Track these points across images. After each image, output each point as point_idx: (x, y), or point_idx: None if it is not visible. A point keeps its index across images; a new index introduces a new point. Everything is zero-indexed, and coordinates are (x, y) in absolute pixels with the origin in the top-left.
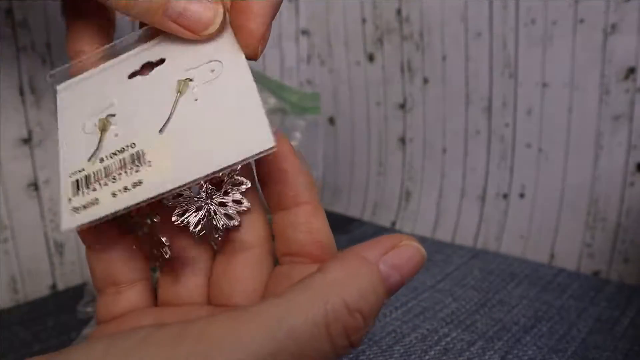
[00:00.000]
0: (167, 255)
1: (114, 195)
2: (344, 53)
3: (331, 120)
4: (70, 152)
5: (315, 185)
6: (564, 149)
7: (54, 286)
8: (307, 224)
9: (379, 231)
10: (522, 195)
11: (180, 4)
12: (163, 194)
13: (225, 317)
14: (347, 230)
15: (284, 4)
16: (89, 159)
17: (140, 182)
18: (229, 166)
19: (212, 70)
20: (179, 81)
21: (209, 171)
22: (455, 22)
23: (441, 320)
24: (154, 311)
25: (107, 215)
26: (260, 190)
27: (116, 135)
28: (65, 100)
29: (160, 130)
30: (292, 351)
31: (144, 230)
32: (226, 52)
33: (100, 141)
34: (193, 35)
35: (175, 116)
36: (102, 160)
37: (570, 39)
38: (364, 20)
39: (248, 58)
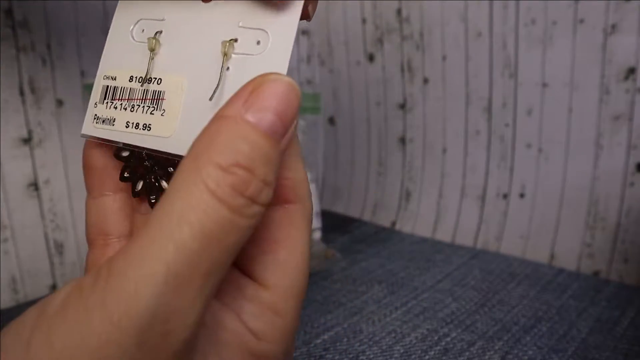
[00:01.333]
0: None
1: (127, 124)
2: (344, 53)
3: (331, 120)
4: (111, 52)
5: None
6: (564, 149)
7: (54, 286)
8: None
9: (379, 231)
10: (522, 195)
11: None
12: (163, 153)
13: (126, 246)
14: (347, 230)
15: None
16: (124, 70)
17: (149, 127)
18: None
19: (258, 42)
20: (224, 42)
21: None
22: (455, 22)
23: (441, 320)
24: None
25: (116, 142)
26: None
27: (152, 58)
28: None
29: (211, 99)
30: (202, 240)
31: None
32: (280, 27)
33: (150, 59)
34: None
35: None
36: (131, 78)
37: (570, 39)
38: (364, 20)
39: (302, 17)
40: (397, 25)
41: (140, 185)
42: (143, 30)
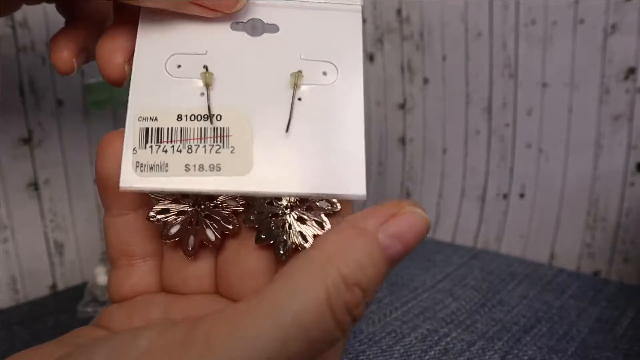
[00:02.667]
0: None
1: (187, 168)
2: None
3: None
4: (142, 90)
5: None
6: (564, 149)
7: (54, 286)
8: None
9: None
10: (522, 195)
11: None
12: (243, 193)
13: (229, 314)
14: None
15: None
16: (167, 109)
17: (219, 168)
18: (316, 194)
19: (325, 73)
20: (293, 74)
21: (295, 191)
22: (455, 22)
23: (441, 320)
24: (163, 299)
25: (176, 190)
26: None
27: (202, 94)
28: (147, 27)
29: (287, 130)
30: (300, 337)
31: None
32: (347, 58)
33: (207, 97)
34: (217, 14)
35: (289, 114)
36: (179, 117)
37: (570, 39)
38: (364, 21)
39: None
40: (397, 25)
41: (176, 229)
42: (179, 66)
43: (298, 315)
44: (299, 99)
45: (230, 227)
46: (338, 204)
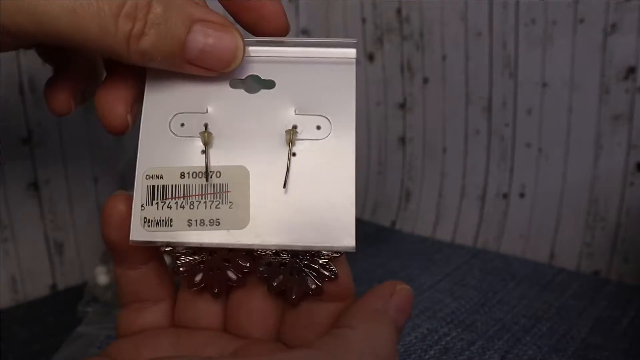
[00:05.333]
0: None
1: (189, 224)
2: None
3: None
4: (149, 149)
5: None
6: (564, 149)
7: (54, 286)
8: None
9: (379, 231)
10: (522, 195)
11: (198, 41)
12: (240, 246)
13: None
14: None
15: (284, 3)
16: (171, 167)
17: (218, 222)
18: (309, 247)
19: (319, 127)
20: (288, 131)
21: (288, 244)
22: (455, 22)
23: (441, 319)
24: (172, 333)
25: (180, 244)
26: None
27: (202, 152)
28: (153, 87)
29: (284, 186)
30: None
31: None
32: (340, 111)
33: (206, 156)
34: (213, 73)
35: (284, 169)
36: (182, 175)
37: (570, 38)
38: (364, 20)
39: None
40: (397, 25)
41: (199, 277)
42: (183, 124)
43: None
44: (294, 154)
45: (248, 264)
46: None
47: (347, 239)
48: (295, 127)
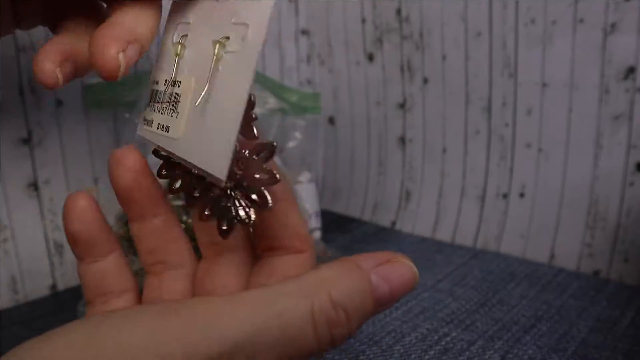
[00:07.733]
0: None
1: (158, 126)
2: (344, 53)
3: (331, 120)
4: (160, 57)
5: (287, 181)
6: (564, 149)
7: (54, 286)
8: (284, 219)
9: (379, 231)
10: (522, 195)
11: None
12: (172, 154)
13: (212, 298)
14: (347, 230)
15: (284, 3)
16: (162, 74)
17: (167, 129)
18: (189, 162)
19: (243, 39)
20: (214, 42)
21: (180, 155)
22: (455, 22)
23: (441, 320)
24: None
25: (149, 141)
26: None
27: (177, 63)
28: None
29: (196, 104)
30: (276, 334)
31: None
32: (256, 15)
33: (175, 66)
34: None
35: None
36: (165, 82)
37: (570, 38)
38: (363, 20)
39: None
40: (397, 25)
41: (178, 184)
42: (179, 35)
43: (280, 313)
44: (219, 69)
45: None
46: (277, 175)
47: (218, 168)
48: (227, 38)
